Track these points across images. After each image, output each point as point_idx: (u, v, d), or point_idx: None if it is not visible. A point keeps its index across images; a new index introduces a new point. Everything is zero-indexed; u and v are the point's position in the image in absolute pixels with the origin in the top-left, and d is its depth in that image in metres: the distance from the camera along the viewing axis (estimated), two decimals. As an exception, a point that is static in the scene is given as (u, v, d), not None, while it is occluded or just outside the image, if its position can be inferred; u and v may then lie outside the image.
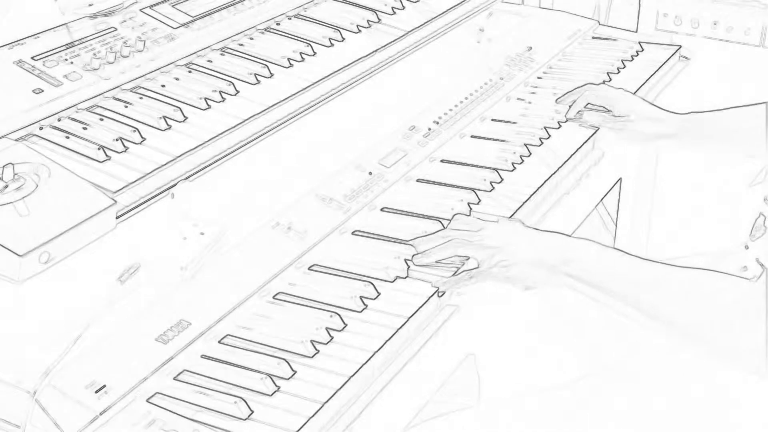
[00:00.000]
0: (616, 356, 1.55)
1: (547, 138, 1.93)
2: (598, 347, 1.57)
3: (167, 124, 1.61)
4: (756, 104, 1.83)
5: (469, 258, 1.56)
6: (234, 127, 1.65)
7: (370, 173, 1.75)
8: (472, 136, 1.94)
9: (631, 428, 1.48)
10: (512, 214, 1.70)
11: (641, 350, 1.53)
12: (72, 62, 1.64)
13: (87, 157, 1.51)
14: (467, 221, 1.59)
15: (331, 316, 1.45)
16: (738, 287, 1.45)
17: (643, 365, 1.53)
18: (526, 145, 1.89)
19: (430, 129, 1.90)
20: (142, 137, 1.57)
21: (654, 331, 1.46)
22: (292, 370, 1.36)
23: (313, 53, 1.87)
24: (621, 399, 1.50)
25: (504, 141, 1.92)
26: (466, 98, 2.01)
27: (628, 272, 1.48)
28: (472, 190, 1.75)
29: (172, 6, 1.83)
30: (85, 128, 1.56)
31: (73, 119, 1.57)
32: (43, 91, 1.57)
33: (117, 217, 1.44)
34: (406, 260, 1.58)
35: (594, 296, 1.49)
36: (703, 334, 1.42)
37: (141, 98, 1.66)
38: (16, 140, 1.50)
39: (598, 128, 1.96)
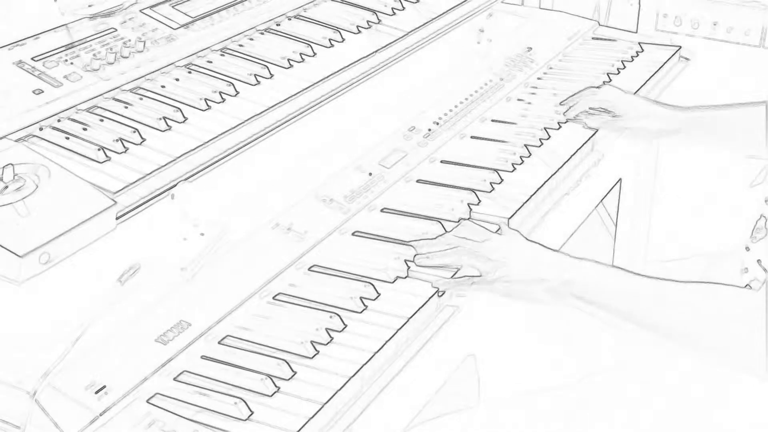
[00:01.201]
0: (616, 357, 1.56)
1: (547, 139, 1.93)
2: (598, 348, 1.57)
3: (167, 125, 1.61)
4: (756, 103, 1.83)
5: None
6: (234, 127, 1.65)
7: (370, 174, 1.75)
8: (472, 137, 1.94)
9: (631, 428, 1.48)
10: (512, 215, 1.70)
11: (641, 351, 1.54)
12: (72, 63, 1.64)
13: (87, 157, 1.51)
14: (472, 229, 1.59)
15: (331, 317, 1.45)
16: (738, 298, 1.45)
17: (642, 366, 1.53)
18: (526, 145, 1.89)
19: (430, 130, 1.90)
20: (142, 138, 1.57)
21: (657, 344, 1.46)
22: (292, 370, 1.36)
23: (312, 54, 1.87)
24: (621, 399, 1.50)
25: (504, 142, 1.92)
26: (466, 99, 2.01)
27: (628, 289, 1.49)
28: (472, 190, 1.75)
29: (172, 7, 1.83)
30: (85, 129, 1.56)
31: (73, 120, 1.57)
32: (43, 91, 1.57)
33: (117, 218, 1.44)
34: (406, 261, 1.58)
35: (595, 314, 1.50)
36: (705, 345, 1.43)
37: (141, 99, 1.66)
38: (16, 141, 1.50)
39: (598, 129, 1.96)
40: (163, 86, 1.70)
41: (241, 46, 1.85)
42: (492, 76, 2.10)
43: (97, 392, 1.26)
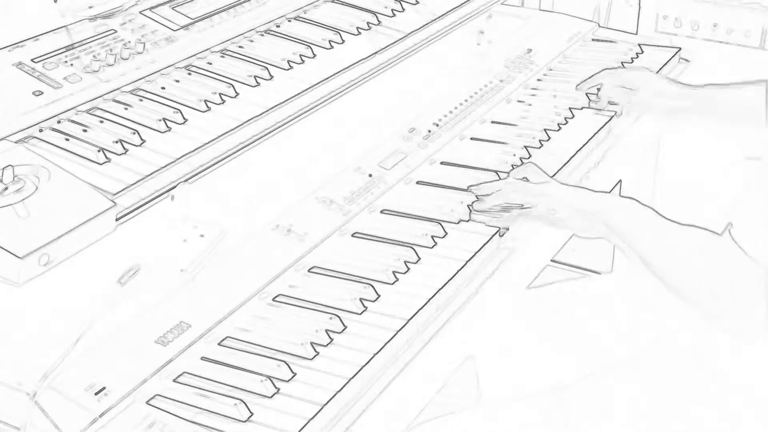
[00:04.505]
0: (615, 357, 1.56)
1: (547, 140, 1.93)
2: (597, 348, 1.57)
3: (167, 126, 1.61)
4: (757, 81, 1.88)
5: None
6: (234, 129, 1.65)
7: (370, 175, 1.75)
8: (472, 138, 1.94)
9: (631, 428, 1.48)
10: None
11: (640, 351, 1.54)
12: (72, 64, 1.64)
13: (87, 159, 1.51)
14: (529, 170, 1.74)
15: (330, 318, 1.45)
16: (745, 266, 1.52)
17: (642, 366, 1.53)
18: (526, 147, 1.89)
19: (429, 131, 1.90)
20: (141, 139, 1.57)
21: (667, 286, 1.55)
22: (292, 372, 1.36)
23: (312, 55, 1.87)
24: (620, 399, 1.50)
25: (504, 143, 1.92)
26: (466, 100, 2.01)
27: (651, 233, 1.59)
28: (473, 192, 1.75)
29: (172, 8, 1.83)
30: (84, 130, 1.56)
31: (73, 121, 1.57)
32: (42, 93, 1.57)
33: (117, 219, 1.44)
34: (468, 206, 1.69)
35: (622, 248, 1.62)
36: (710, 306, 1.49)
37: (141, 100, 1.66)
38: (16, 142, 1.50)
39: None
40: (163, 88, 1.70)
41: (240, 47, 1.85)
42: (492, 77, 2.10)
43: (96, 394, 1.26)
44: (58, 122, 1.57)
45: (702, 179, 2.19)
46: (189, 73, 1.75)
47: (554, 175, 1.82)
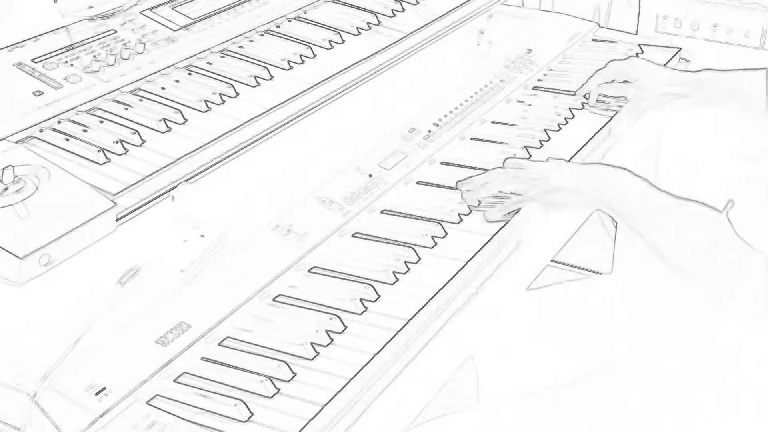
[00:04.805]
0: (615, 357, 1.56)
1: (547, 140, 1.92)
2: (597, 348, 1.57)
3: (167, 127, 1.61)
4: (756, 69, 1.90)
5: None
6: (234, 129, 1.65)
7: (370, 175, 1.75)
8: (472, 138, 1.94)
9: (630, 428, 1.48)
10: (512, 216, 1.70)
11: (640, 351, 1.54)
12: (72, 64, 1.64)
13: (87, 159, 1.51)
14: (517, 162, 1.73)
15: (331, 319, 1.45)
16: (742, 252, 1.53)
17: (641, 366, 1.53)
18: (526, 147, 1.89)
19: (430, 131, 1.90)
20: (142, 139, 1.57)
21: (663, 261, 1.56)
22: (292, 372, 1.36)
23: (312, 55, 1.87)
24: (620, 399, 1.50)
25: (504, 143, 1.92)
26: (466, 100, 2.01)
27: (648, 207, 1.60)
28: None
29: (172, 8, 1.83)
30: (85, 130, 1.56)
31: (73, 121, 1.57)
32: (43, 93, 1.57)
33: (117, 220, 1.44)
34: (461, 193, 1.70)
35: (620, 223, 1.63)
36: (708, 288, 1.51)
37: (141, 100, 1.66)
38: (16, 142, 1.50)
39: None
40: (163, 88, 1.70)
41: (241, 47, 1.85)
42: (492, 77, 2.10)
43: (97, 394, 1.26)
44: (59, 122, 1.57)
45: (703, 179, 2.19)
46: (189, 73, 1.75)
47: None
